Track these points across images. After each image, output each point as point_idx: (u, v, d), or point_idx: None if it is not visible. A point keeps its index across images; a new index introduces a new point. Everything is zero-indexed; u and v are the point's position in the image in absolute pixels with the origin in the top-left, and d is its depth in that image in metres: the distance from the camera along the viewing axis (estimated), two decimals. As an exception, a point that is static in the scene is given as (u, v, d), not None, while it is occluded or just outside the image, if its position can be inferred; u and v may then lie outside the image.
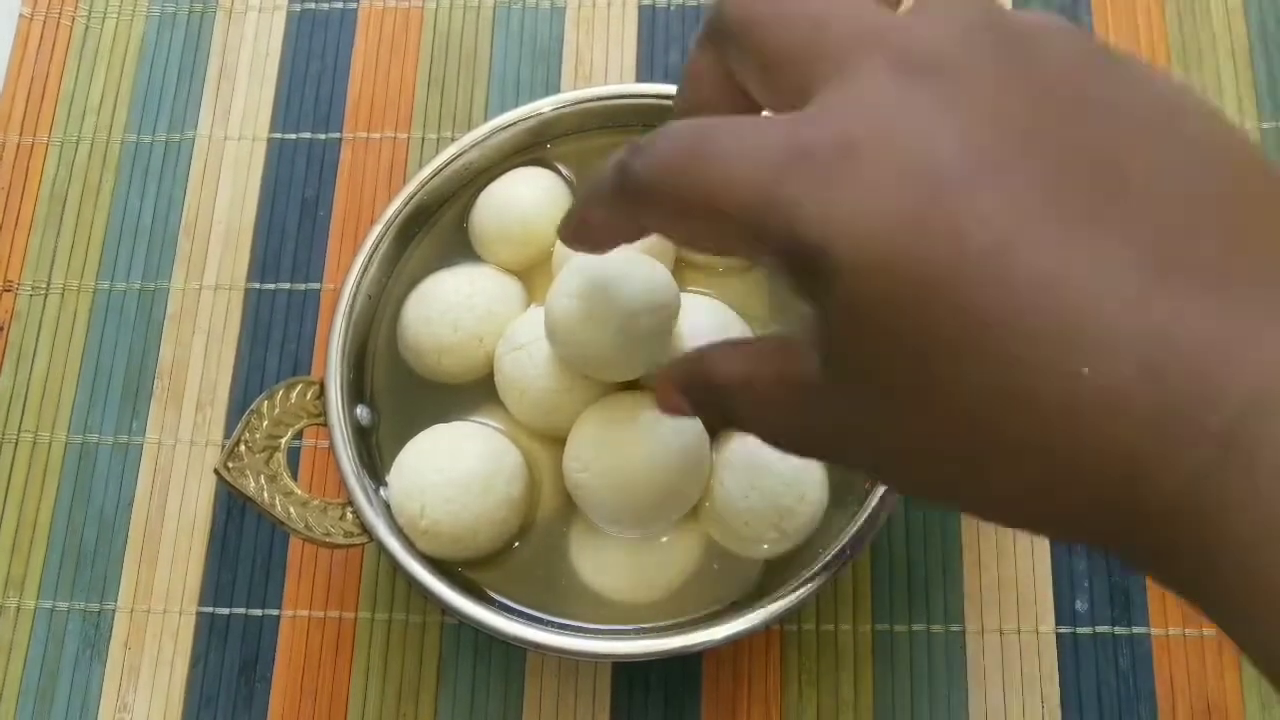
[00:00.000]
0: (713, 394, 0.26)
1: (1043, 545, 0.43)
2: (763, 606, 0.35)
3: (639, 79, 0.51)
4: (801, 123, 0.20)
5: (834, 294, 0.19)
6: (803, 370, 0.23)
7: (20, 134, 0.52)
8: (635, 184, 0.23)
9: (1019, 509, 0.21)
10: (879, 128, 0.19)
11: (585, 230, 0.27)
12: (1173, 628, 0.41)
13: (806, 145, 0.20)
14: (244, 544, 0.45)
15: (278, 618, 0.44)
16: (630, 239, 0.26)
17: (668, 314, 0.35)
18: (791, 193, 0.19)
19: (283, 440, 0.38)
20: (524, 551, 0.38)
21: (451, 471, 0.36)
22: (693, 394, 0.27)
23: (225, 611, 0.44)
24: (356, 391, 0.40)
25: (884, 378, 0.20)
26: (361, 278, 0.40)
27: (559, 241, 0.40)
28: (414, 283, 0.41)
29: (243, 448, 0.37)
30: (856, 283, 0.19)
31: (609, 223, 0.25)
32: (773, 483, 0.36)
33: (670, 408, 0.29)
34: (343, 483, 0.37)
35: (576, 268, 0.35)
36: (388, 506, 0.37)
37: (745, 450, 0.37)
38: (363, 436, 0.39)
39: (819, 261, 0.19)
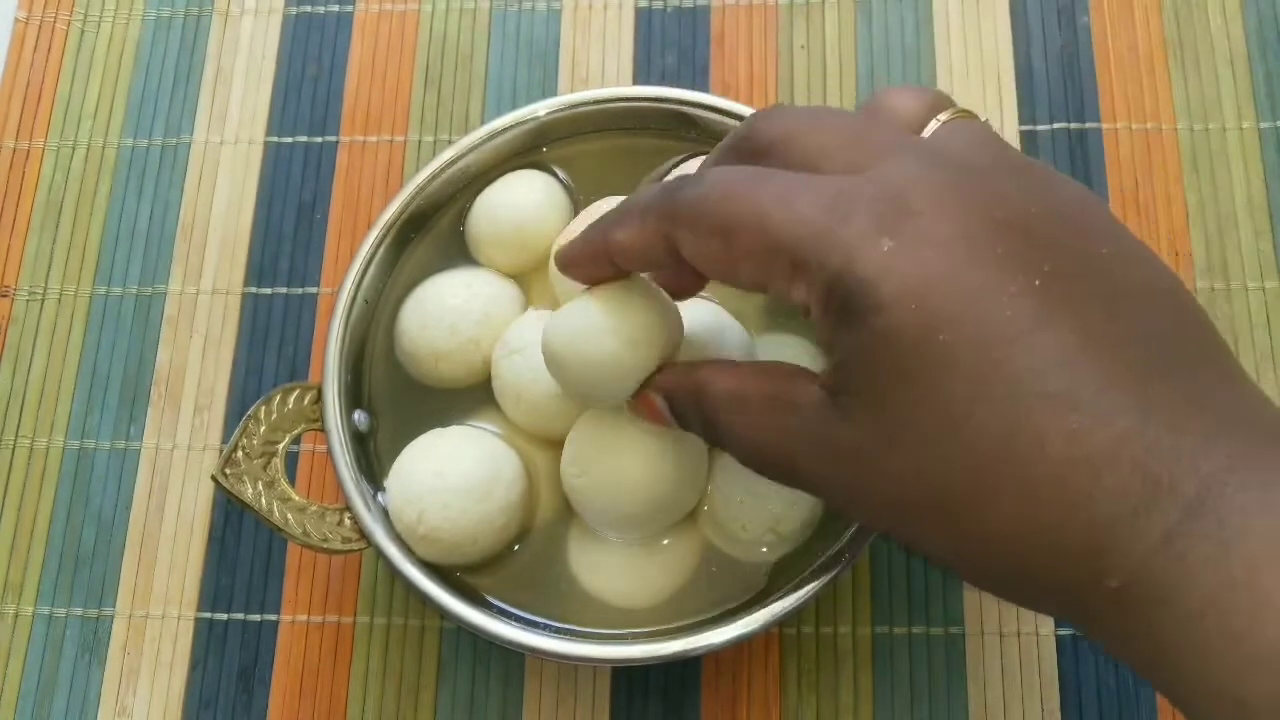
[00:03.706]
0: (701, 407, 0.28)
1: (1041, 547, 0.42)
2: (762, 610, 0.35)
3: (635, 82, 0.51)
4: (857, 180, 0.24)
5: (870, 325, 0.22)
6: (801, 396, 0.25)
7: (16, 139, 0.52)
8: (689, 203, 0.25)
9: (989, 558, 0.23)
10: (925, 195, 0.23)
11: (599, 253, 0.28)
12: (1172, 629, 0.41)
13: (864, 196, 0.23)
14: (242, 549, 0.45)
15: (276, 622, 0.44)
16: (649, 264, 0.28)
17: (673, 341, 0.33)
18: (851, 233, 0.22)
19: (280, 446, 0.38)
20: (522, 556, 0.38)
21: (450, 477, 0.36)
22: (679, 403, 0.29)
23: (224, 616, 0.44)
24: (354, 396, 0.40)
25: (896, 407, 0.22)
26: (359, 282, 0.40)
27: (557, 246, 0.40)
28: (411, 286, 0.41)
29: (240, 453, 0.37)
30: (897, 315, 0.22)
31: (635, 244, 0.27)
32: (766, 487, 0.36)
33: (647, 413, 0.31)
34: (340, 488, 0.37)
35: (582, 302, 0.32)
36: (386, 512, 0.37)
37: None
38: (360, 442, 0.39)
39: (865, 293, 0.22)
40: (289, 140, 0.51)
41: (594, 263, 0.29)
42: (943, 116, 0.27)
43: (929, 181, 0.23)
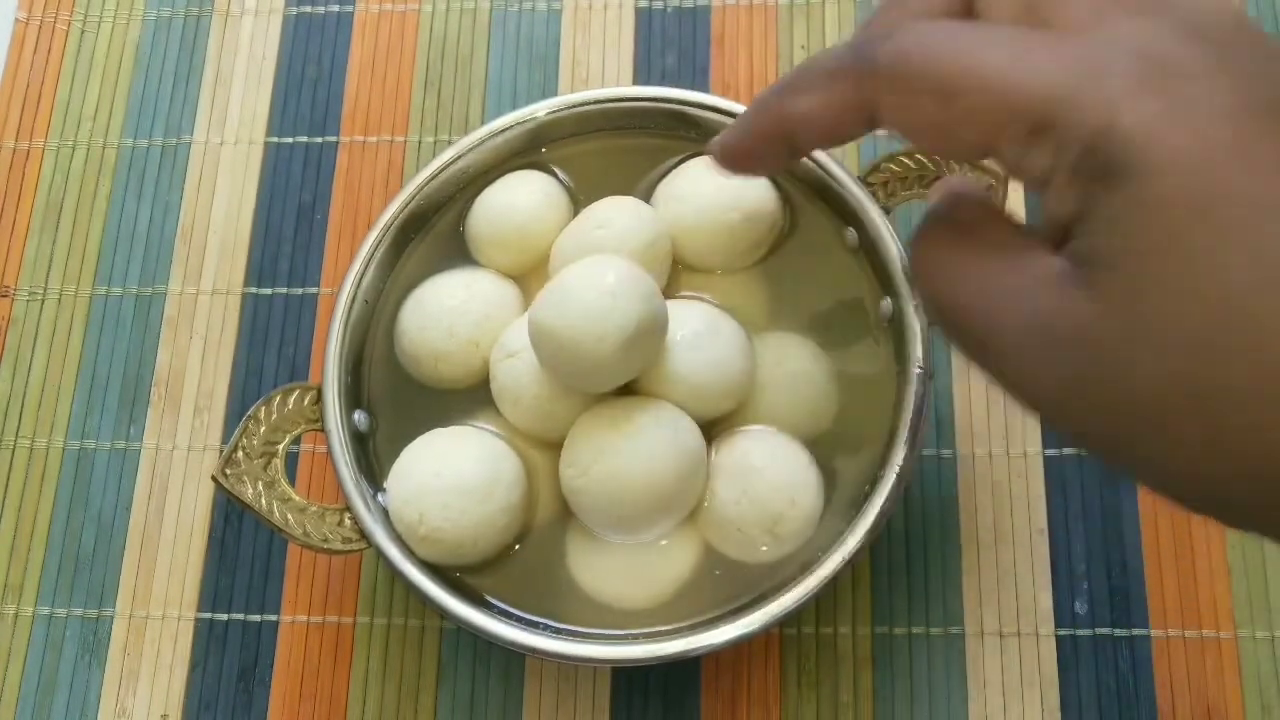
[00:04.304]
0: (922, 227, 0.25)
1: (1042, 547, 0.42)
2: (762, 610, 0.35)
3: (635, 82, 0.51)
4: (1107, 38, 0.21)
5: (1139, 190, 0.20)
6: (1036, 260, 0.22)
7: (16, 139, 0.52)
8: (895, 61, 0.22)
9: (1259, 467, 0.20)
10: (1192, 61, 0.20)
11: (774, 132, 0.25)
12: (1172, 629, 0.41)
13: (1119, 56, 0.20)
14: (242, 549, 0.45)
15: (276, 623, 0.44)
16: (836, 139, 0.24)
17: (657, 323, 0.34)
18: (1114, 90, 0.20)
19: (280, 446, 0.38)
20: (522, 556, 0.38)
21: (450, 477, 0.36)
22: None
23: (224, 617, 0.44)
24: (354, 397, 0.40)
25: (1162, 286, 0.20)
26: (359, 282, 0.40)
27: (556, 245, 0.40)
28: (411, 287, 0.41)
29: (240, 454, 0.37)
30: (1173, 182, 0.19)
31: (823, 113, 0.24)
32: (764, 488, 0.36)
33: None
34: (340, 488, 0.37)
35: (559, 281, 0.34)
36: (386, 512, 0.37)
37: (736, 456, 0.37)
38: (360, 442, 0.39)
39: (1133, 155, 0.20)
40: (289, 141, 0.51)
41: (767, 146, 0.25)
42: None
43: (1192, 47, 0.21)
